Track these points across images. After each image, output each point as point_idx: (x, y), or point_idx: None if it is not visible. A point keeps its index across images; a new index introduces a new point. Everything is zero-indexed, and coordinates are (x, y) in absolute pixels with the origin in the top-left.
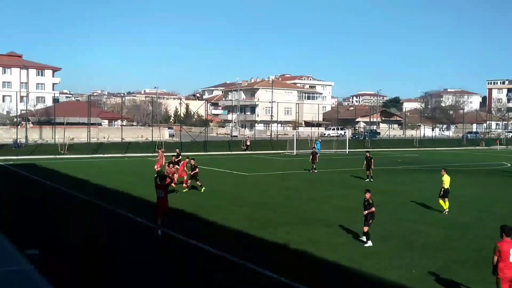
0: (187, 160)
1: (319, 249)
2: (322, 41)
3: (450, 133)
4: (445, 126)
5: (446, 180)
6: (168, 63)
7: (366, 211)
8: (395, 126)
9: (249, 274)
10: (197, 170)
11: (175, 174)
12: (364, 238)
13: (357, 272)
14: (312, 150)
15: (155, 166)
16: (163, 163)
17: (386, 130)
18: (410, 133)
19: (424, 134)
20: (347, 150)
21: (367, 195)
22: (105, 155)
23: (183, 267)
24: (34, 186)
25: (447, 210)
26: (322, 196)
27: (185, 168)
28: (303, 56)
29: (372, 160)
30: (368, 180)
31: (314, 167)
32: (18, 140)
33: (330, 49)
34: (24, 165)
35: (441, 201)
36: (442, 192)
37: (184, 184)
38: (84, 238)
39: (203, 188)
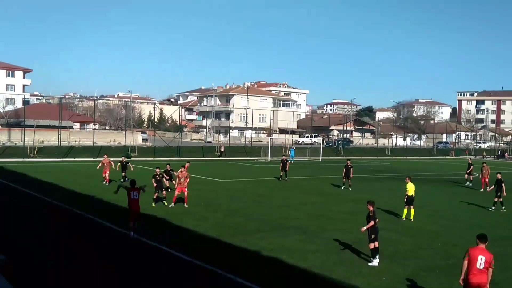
0: (188, 164)
1: (290, 256)
2: (297, 49)
3: (421, 142)
4: (416, 135)
5: (410, 187)
6: (142, 67)
7: (365, 227)
8: (368, 134)
9: (219, 281)
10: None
11: (187, 179)
12: (375, 260)
13: (327, 279)
14: (282, 158)
15: (104, 175)
16: (109, 169)
17: (359, 139)
18: (382, 142)
19: (396, 143)
20: (321, 157)
21: (370, 207)
22: (76, 159)
23: (153, 274)
24: (1, 190)
25: (411, 219)
26: (295, 203)
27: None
28: (279, 63)
29: (352, 169)
30: (344, 187)
31: (286, 174)
32: None
33: (305, 57)
34: None
35: (405, 209)
36: (406, 200)
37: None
38: (52, 243)
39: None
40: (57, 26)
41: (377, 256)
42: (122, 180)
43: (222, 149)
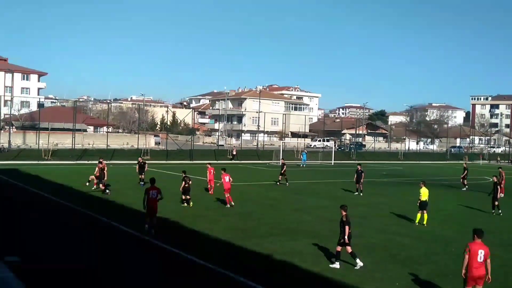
0: (212, 168)
1: (303, 260)
2: (310, 53)
3: (434, 147)
4: (429, 140)
5: (424, 192)
6: (155, 71)
7: (346, 236)
8: (381, 139)
9: (231, 284)
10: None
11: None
12: (337, 262)
13: (339, 284)
14: (281, 162)
15: (92, 176)
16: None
17: (372, 143)
18: (395, 146)
19: (408, 147)
20: (333, 161)
21: (343, 212)
22: (90, 162)
23: (165, 277)
24: (15, 192)
25: (425, 223)
26: (307, 207)
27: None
28: (291, 67)
29: (363, 173)
30: (357, 193)
31: (286, 178)
32: (1, 144)
33: (318, 61)
34: (6, 170)
35: (418, 214)
36: (419, 204)
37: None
38: (64, 245)
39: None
40: (71, 30)
41: (338, 263)
42: (141, 183)
43: (234, 153)
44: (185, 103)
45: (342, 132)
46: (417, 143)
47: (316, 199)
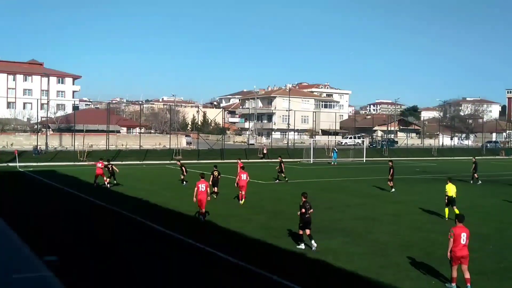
0: (241, 163)
1: (336, 258)
2: (339, 50)
3: (469, 142)
4: (464, 135)
5: (449, 189)
6: (185, 71)
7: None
8: (413, 135)
9: (266, 282)
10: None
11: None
12: (301, 243)
13: (374, 282)
14: (279, 159)
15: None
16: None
17: (404, 139)
18: (428, 142)
19: (442, 143)
20: (364, 159)
21: (303, 199)
22: (123, 162)
23: (200, 275)
24: (53, 192)
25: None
26: (339, 205)
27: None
28: (321, 64)
29: (392, 169)
30: (393, 190)
31: (284, 176)
32: (38, 147)
33: (347, 58)
34: (43, 171)
35: (446, 209)
36: (446, 200)
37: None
38: (101, 245)
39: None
40: (103, 33)
41: (303, 244)
42: (183, 182)
43: (265, 151)
44: (215, 103)
45: (374, 129)
46: (451, 139)
47: (348, 197)
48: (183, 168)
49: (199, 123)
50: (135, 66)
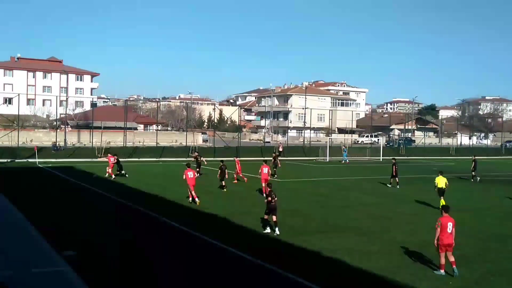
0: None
1: (352, 257)
2: (356, 48)
3: (488, 141)
4: (483, 134)
5: (438, 181)
6: (202, 69)
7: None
8: (431, 134)
9: (281, 281)
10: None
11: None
12: (266, 229)
13: (391, 282)
14: (273, 155)
15: (109, 170)
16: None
17: (422, 138)
18: (446, 141)
19: (461, 142)
20: (381, 157)
21: (268, 189)
22: (141, 159)
23: (215, 273)
24: (71, 188)
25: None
26: (355, 204)
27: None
28: (337, 62)
29: (394, 167)
30: (391, 186)
31: (275, 170)
32: (57, 143)
33: (364, 56)
34: (62, 167)
35: (441, 199)
36: (437, 191)
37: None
38: (119, 240)
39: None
40: (122, 31)
41: (269, 228)
42: (199, 174)
43: (281, 149)
44: (231, 101)
45: (391, 127)
46: (469, 138)
47: (363, 195)
48: (198, 160)
49: (215, 120)
50: (152, 63)
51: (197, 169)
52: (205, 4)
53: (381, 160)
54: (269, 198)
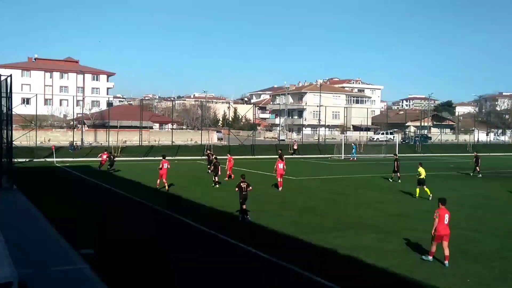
0: (231, 157)
1: (368, 255)
2: (371, 44)
3: (505, 138)
4: (500, 130)
5: (421, 171)
6: (216, 67)
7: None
8: (447, 130)
9: (296, 278)
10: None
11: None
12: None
13: (407, 280)
14: (279, 152)
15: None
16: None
17: (438, 135)
18: (463, 138)
19: (478, 139)
20: (397, 155)
21: (244, 184)
22: (156, 158)
23: (231, 270)
24: (88, 187)
25: (429, 195)
26: (371, 202)
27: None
28: (352, 59)
29: (397, 163)
30: (393, 180)
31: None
32: (74, 142)
33: (379, 52)
34: (79, 166)
35: (417, 189)
36: (418, 181)
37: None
38: (136, 239)
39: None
40: (137, 31)
41: (241, 216)
42: (208, 172)
43: (295, 147)
44: (246, 99)
45: (406, 124)
46: (487, 135)
47: (379, 193)
48: (210, 158)
49: (230, 119)
50: (167, 63)
51: (208, 166)
52: (219, 3)
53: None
54: (242, 187)
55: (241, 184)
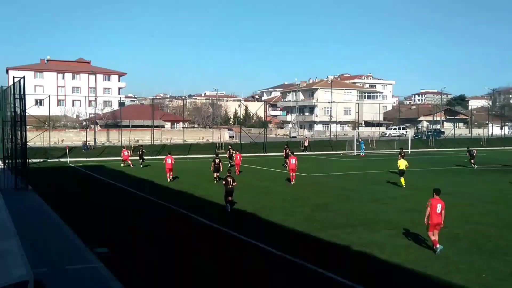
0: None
1: (382, 251)
2: (382, 39)
3: None
4: None
5: (400, 163)
6: (227, 65)
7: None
8: (461, 125)
9: (310, 275)
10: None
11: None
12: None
13: (422, 275)
14: (285, 146)
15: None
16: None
17: (451, 129)
18: (477, 132)
19: (492, 132)
20: (410, 150)
21: (230, 180)
22: None
23: (244, 267)
24: (102, 186)
25: (403, 185)
26: (384, 197)
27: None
28: (363, 55)
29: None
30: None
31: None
32: (87, 142)
33: (390, 47)
34: (93, 166)
35: (402, 179)
36: (399, 172)
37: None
38: (149, 237)
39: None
40: (147, 31)
41: (229, 207)
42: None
43: (306, 144)
44: (257, 96)
45: (419, 119)
46: (501, 128)
47: (393, 189)
48: (231, 152)
49: (241, 116)
50: (178, 62)
51: (230, 161)
52: (229, 2)
53: (409, 152)
54: (229, 182)
55: (228, 178)
